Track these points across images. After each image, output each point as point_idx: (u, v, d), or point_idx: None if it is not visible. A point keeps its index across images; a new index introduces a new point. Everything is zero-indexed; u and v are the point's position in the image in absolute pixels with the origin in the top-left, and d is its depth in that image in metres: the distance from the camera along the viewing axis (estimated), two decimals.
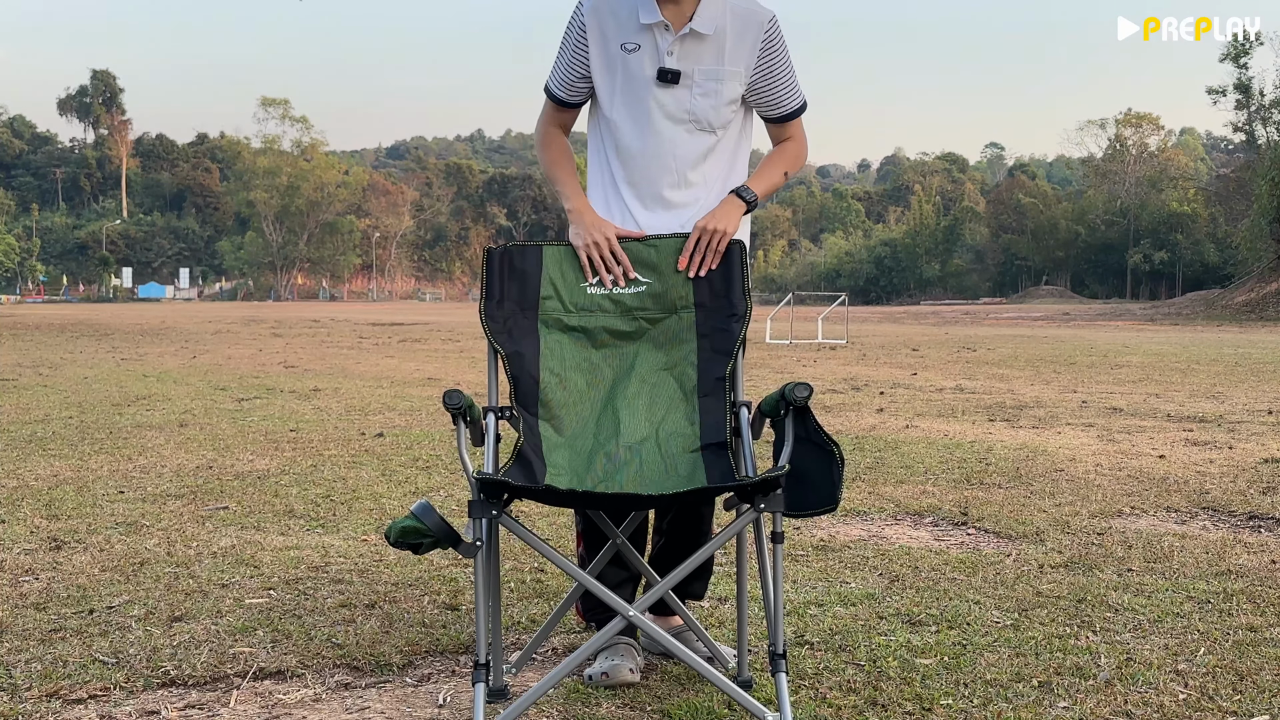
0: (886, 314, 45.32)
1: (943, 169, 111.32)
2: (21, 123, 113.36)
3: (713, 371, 2.52)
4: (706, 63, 2.54)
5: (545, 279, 2.56)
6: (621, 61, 2.55)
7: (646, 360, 2.56)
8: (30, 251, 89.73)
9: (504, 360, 2.49)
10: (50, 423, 7.18)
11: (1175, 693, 2.43)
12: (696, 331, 2.55)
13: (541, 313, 2.55)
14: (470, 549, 2.12)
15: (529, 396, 2.50)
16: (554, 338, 2.55)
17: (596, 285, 2.55)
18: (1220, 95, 50.79)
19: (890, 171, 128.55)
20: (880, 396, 9.39)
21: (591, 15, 2.57)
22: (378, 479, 5.10)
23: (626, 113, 2.58)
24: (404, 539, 2.11)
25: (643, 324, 2.56)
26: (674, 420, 2.51)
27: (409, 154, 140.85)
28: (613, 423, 2.49)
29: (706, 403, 2.51)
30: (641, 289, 2.56)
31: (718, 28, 2.54)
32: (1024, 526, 4.11)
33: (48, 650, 2.66)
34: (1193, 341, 20.48)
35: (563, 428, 2.50)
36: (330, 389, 9.95)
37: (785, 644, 2.20)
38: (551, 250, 2.58)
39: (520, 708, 2.13)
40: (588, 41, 2.58)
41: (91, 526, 4.05)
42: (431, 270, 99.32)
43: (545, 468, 2.42)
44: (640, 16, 2.52)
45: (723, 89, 2.56)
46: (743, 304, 2.53)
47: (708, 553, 2.23)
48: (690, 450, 2.47)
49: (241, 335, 21.92)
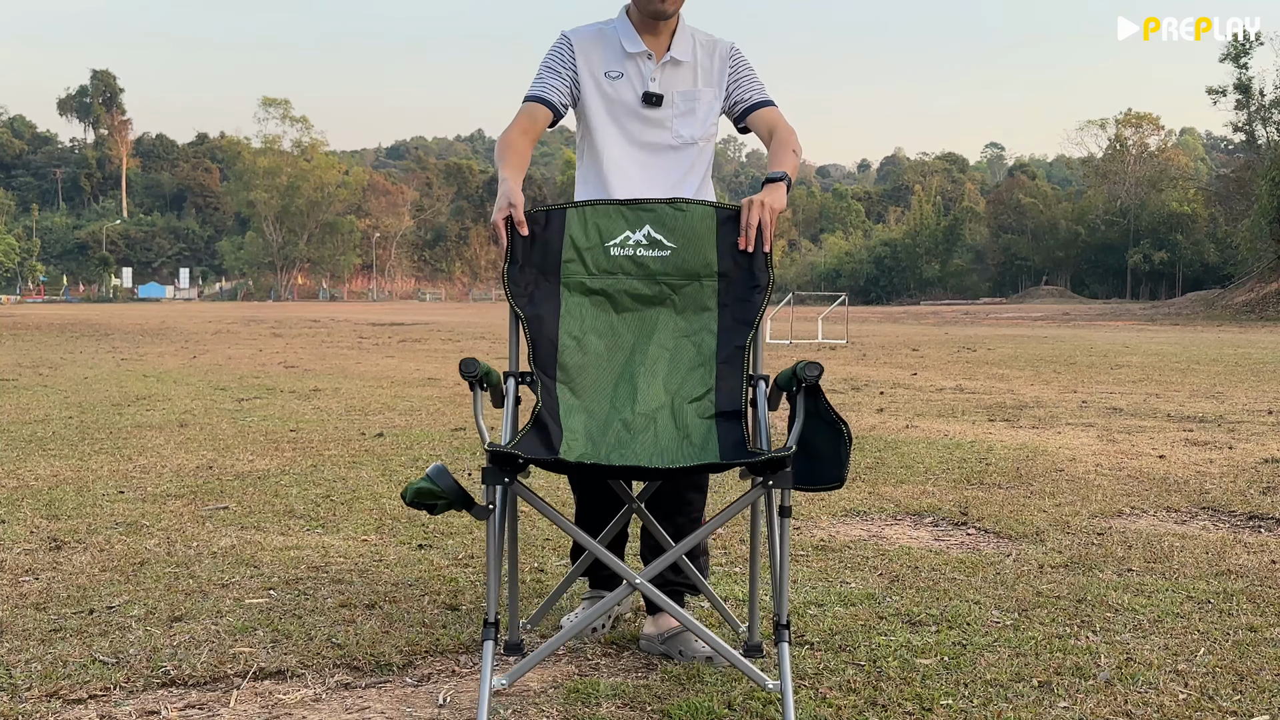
0: (886, 314, 45.32)
1: (943, 169, 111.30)
2: (21, 123, 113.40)
3: (733, 340, 2.56)
4: (683, 85, 2.80)
5: (567, 241, 2.56)
6: (608, 87, 2.79)
7: (667, 326, 2.58)
8: (30, 251, 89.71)
9: (524, 324, 2.52)
10: (50, 423, 7.18)
11: (1175, 693, 2.43)
12: (718, 300, 2.58)
13: (564, 275, 2.56)
14: (482, 512, 2.20)
15: (548, 359, 2.53)
16: (575, 300, 2.56)
17: (619, 245, 2.57)
18: (1220, 95, 50.73)
19: (890, 171, 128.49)
20: (880, 396, 9.39)
21: (578, 44, 2.80)
22: (378, 479, 5.10)
23: (615, 130, 2.79)
24: (419, 499, 2.20)
25: (665, 289, 2.58)
26: (691, 386, 2.54)
27: (409, 154, 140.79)
28: (630, 389, 2.52)
29: (724, 369, 2.54)
30: (666, 253, 2.57)
31: (692, 56, 2.81)
32: (1024, 526, 4.11)
33: (48, 650, 2.66)
34: (1193, 341, 20.48)
35: (580, 391, 2.52)
36: (330, 389, 9.95)
37: (789, 614, 2.22)
38: (574, 212, 2.58)
39: (529, 665, 2.24)
40: (576, 65, 2.78)
41: (91, 526, 4.05)
42: (431, 270, 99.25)
43: (562, 433, 2.45)
44: (625, 46, 2.78)
45: (698, 107, 2.81)
46: (765, 276, 2.55)
47: (717, 525, 2.33)
48: (705, 416, 2.50)
49: (241, 335, 21.92)
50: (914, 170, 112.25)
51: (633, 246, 2.57)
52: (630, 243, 2.58)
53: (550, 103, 2.75)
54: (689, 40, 2.82)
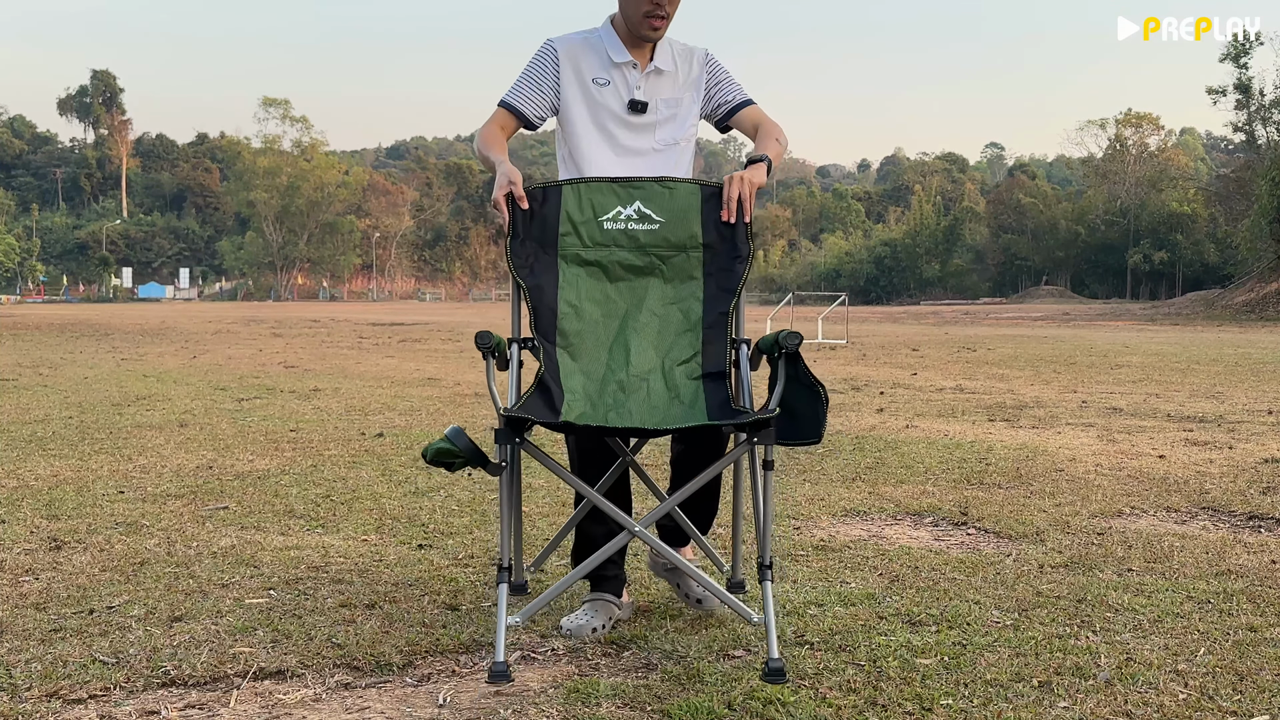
0: (886, 314, 45.33)
1: (943, 169, 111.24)
2: (21, 123, 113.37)
3: (717, 307, 2.78)
4: (666, 93, 2.98)
5: (564, 216, 2.77)
6: (595, 93, 2.93)
7: (656, 294, 2.80)
8: (30, 251, 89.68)
9: (525, 293, 2.73)
10: (50, 423, 7.18)
11: (1175, 693, 2.43)
12: (703, 270, 2.80)
13: (561, 248, 2.78)
14: (496, 468, 2.47)
15: (548, 326, 2.75)
16: (572, 271, 2.78)
17: (612, 220, 2.78)
18: (1220, 95, 50.68)
19: (890, 171, 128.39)
20: (880, 396, 9.39)
21: (564, 52, 2.94)
22: (378, 479, 5.11)
23: (599, 136, 2.94)
24: (439, 458, 2.43)
25: (654, 260, 2.80)
26: (680, 349, 2.77)
27: (409, 154, 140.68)
28: (623, 352, 2.75)
29: (710, 334, 2.78)
30: (655, 226, 2.79)
31: (673, 64, 3.00)
32: (1024, 526, 4.11)
33: (48, 650, 2.66)
34: (1193, 341, 20.49)
35: (578, 354, 2.75)
36: (330, 389, 9.95)
37: (771, 556, 2.53)
38: (570, 189, 2.79)
39: (538, 605, 2.53)
40: (559, 74, 2.93)
41: (91, 526, 4.05)
42: (431, 270, 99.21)
43: (563, 394, 2.68)
44: (612, 56, 2.93)
45: (679, 112, 2.99)
46: (745, 247, 2.78)
47: (708, 476, 2.60)
48: (693, 378, 2.74)
49: (241, 335, 21.93)
50: (914, 170, 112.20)
51: (624, 221, 2.78)
52: (622, 217, 2.79)
53: (524, 115, 2.93)
54: (668, 49, 3.00)
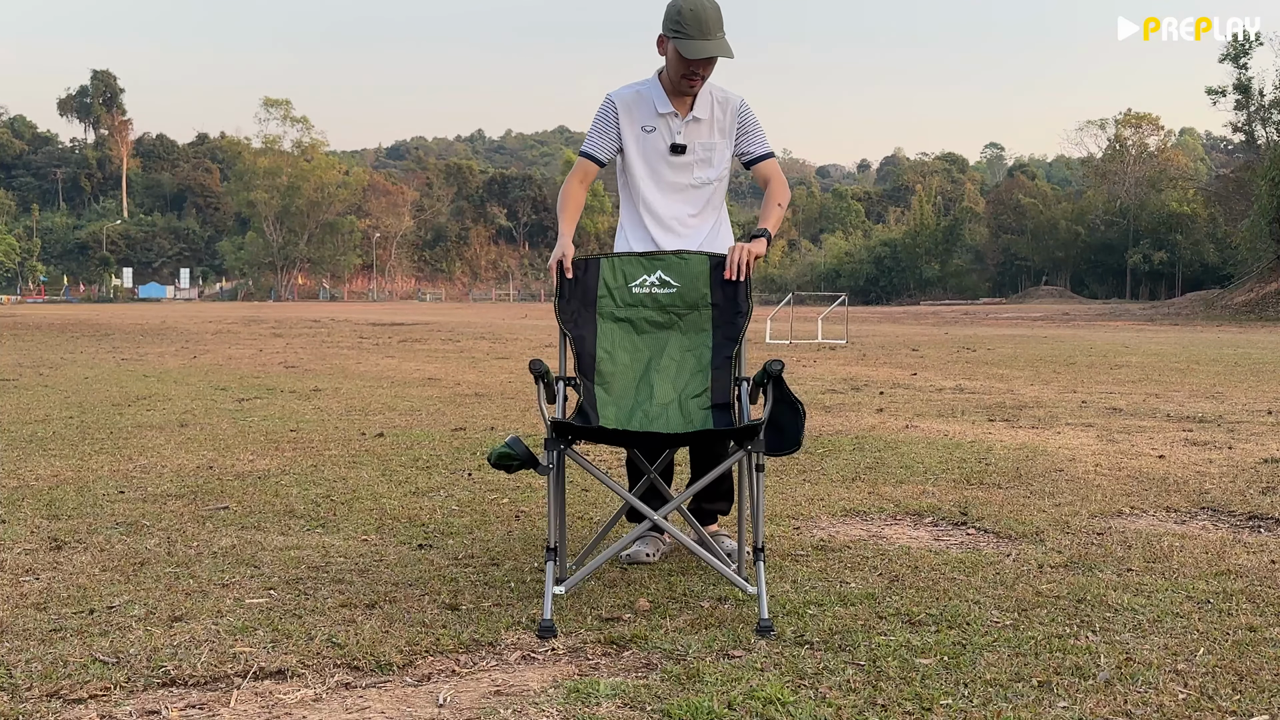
0: (886, 314, 45.31)
1: (942, 169, 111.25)
2: (22, 123, 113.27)
3: (723, 352, 3.42)
4: (703, 138, 3.61)
5: (602, 283, 3.44)
6: (644, 139, 3.60)
7: (675, 343, 3.45)
8: (31, 251, 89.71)
9: (570, 341, 3.38)
10: (50, 423, 7.18)
11: (1175, 693, 2.43)
12: (712, 323, 3.44)
13: (599, 308, 3.44)
14: (545, 469, 3.04)
15: (588, 368, 3.39)
16: (607, 325, 3.44)
17: (639, 286, 3.44)
18: (1220, 95, 50.64)
19: (890, 172, 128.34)
20: (880, 396, 9.39)
21: (621, 105, 3.60)
22: (378, 479, 5.11)
23: (647, 171, 3.63)
24: (501, 461, 3.07)
25: (673, 316, 3.45)
26: (693, 386, 3.40)
27: (409, 154, 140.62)
28: (648, 389, 3.38)
29: (717, 374, 3.41)
30: (672, 290, 3.44)
31: (710, 113, 3.60)
32: (1024, 526, 4.11)
33: (48, 650, 2.66)
34: (1192, 341, 20.48)
35: (611, 390, 3.38)
36: (330, 389, 9.95)
37: (764, 541, 3.08)
38: (606, 261, 3.46)
39: (583, 575, 3.08)
40: (619, 122, 3.59)
41: (92, 526, 4.05)
42: (432, 270, 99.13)
43: (598, 419, 3.29)
44: (658, 107, 3.58)
45: (714, 155, 3.64)
46: (746, 304, 3.41)
47: (712, 477, 3.17)
48: (704, 408, 3.37)
49: (242, 335, 21.92)
50: (914, 170, 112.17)
51: (649, 286, 3.44)
52: (647, 283, 3.44)
53: (597, 159, 3.61)
54: (708, 98, 3.59)
